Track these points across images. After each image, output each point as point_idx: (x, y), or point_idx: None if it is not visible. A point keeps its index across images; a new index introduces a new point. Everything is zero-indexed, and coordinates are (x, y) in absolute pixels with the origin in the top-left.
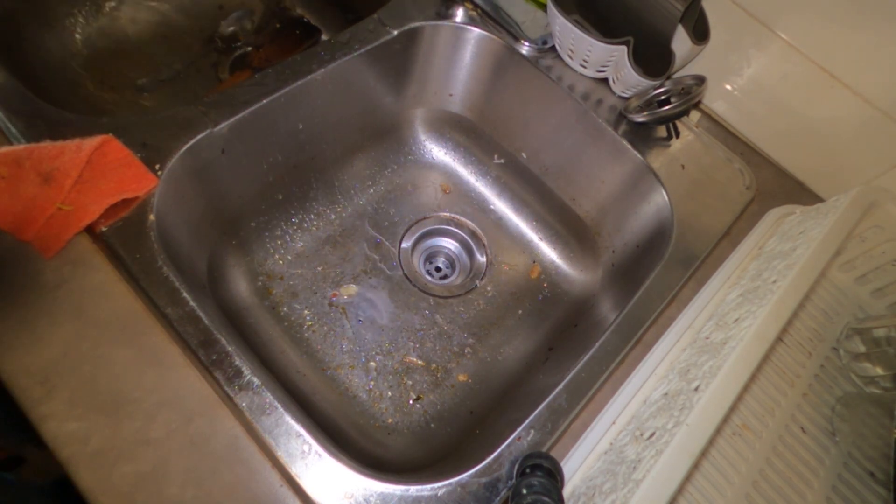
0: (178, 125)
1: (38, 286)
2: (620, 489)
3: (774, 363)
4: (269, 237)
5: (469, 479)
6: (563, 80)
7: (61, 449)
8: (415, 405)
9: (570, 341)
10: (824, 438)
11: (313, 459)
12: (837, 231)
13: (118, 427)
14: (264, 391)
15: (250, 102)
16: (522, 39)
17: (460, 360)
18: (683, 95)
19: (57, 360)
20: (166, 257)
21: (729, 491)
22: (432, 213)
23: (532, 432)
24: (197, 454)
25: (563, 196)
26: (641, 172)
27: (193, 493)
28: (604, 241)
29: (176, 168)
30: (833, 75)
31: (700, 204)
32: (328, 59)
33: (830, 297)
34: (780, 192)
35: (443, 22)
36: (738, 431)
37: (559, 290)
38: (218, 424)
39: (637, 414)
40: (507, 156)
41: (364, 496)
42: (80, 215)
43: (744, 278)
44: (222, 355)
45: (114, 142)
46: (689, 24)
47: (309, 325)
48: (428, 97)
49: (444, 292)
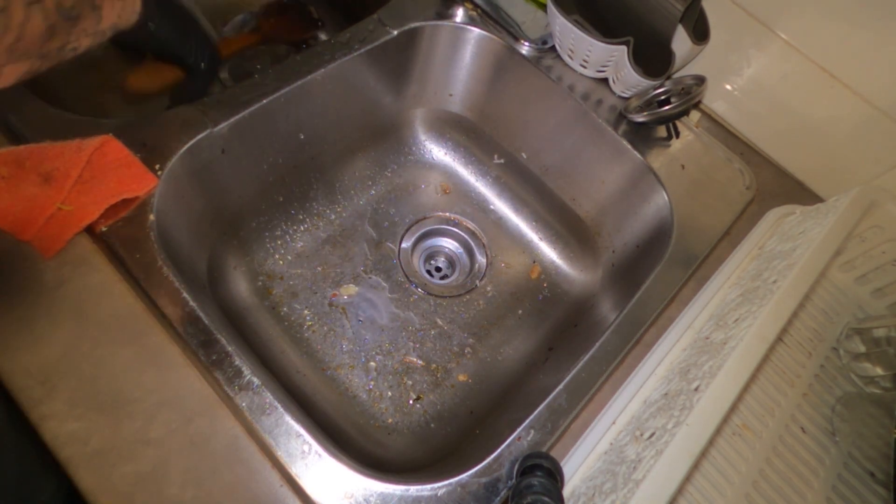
0: (178, 125)
1: (38, 286)
2: (620, 489)
3: (774, 363)
4: (269, 237)
5: (469, 479)
6: (563, 80)
7: (61, 449)
8: (415, 405)
9: (570, 341)
10: (824, 438)
11: (313, 459)
12: (837, 231)
13: (118, 427)
14: (264, 391)
15: (250, 102)
16: (522, 39)
17: (460, 360)
18: (683, 95)
19: (57, 360)
20: (166, 257)
21: (729, 491)
22: (432, 213)
23: (532, 432)
24: (197, 454)
25: (563, 196)
26: (641, 172)
27: (193, 493)
28: (604, 241)
29: (176, 168)
30: (833, 75)
31: (700, 204)
32: (328, 59)
33: (830, 297)
34: (780, 192)
35: (443, 22)
36: (738, 431)
37: (559, 290)
38: (218, 424)
39: (637, 414)
40: (507, 156)
41: (364, 496)
42: (80, 215)
43: (744, 278)
44: (222, 355)
45: (114, 142)
46: (689, 24)
47: (309, 325)
48: (428, 97)
49: (444, 292)
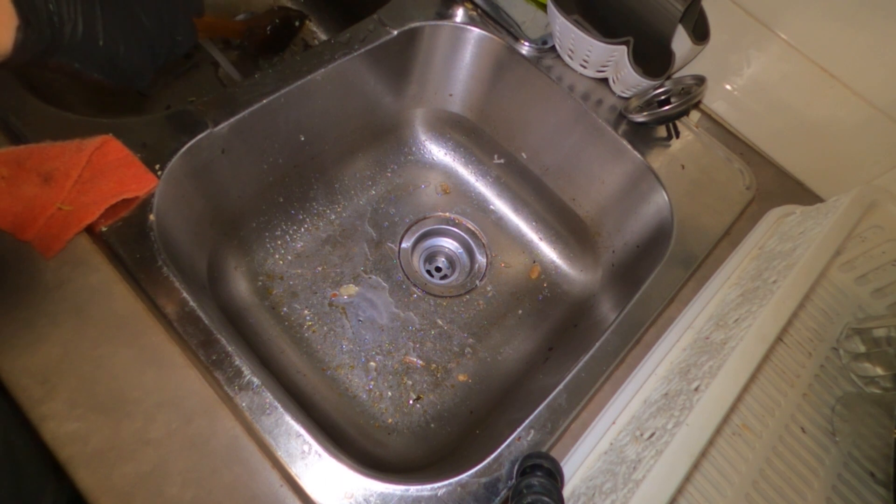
0: (178, 125)
1: (38, 286)
2: (620, 489)
3: (774, 363)
4: (269, 237)
5: (469, 479)
6: (563, 80)
7: (61, 449)
8: (415, 405)
9: (570, 341)
10: (824, 438)
11: (313, 459)
12: (837, 231)
13: (118, 427)
14: (264, 391)
15: (250, 102)
16: (522, 39)
17: (460, 360)
18: (683, 95)
19: (57, 360)
20: (166, 257)
21: (729, 491)
22: (432, 213)
23: (532, 432)
24: (197, 454)
25: (563, 196)
26: (641, 172)
27: (193, 493)
28: (604, 241)
29: (176, 168)
30: (833, 75)
31: (700, 204)
32: (328, 59)
33: (830, 297)
34: (780, 192)
35: (443, 22)
36: (738, 431)
37: (559, 290)
38: (218, 424)
39: (637, 414)
40: (507, 156)
41: (364, 496)
42: (80, 215)
43: (744, 278)
44: (222, 355)
45: (114, 142)
46: (689, 24)
47: (309, 325)
48: (428, 97)
49: (444, 292)
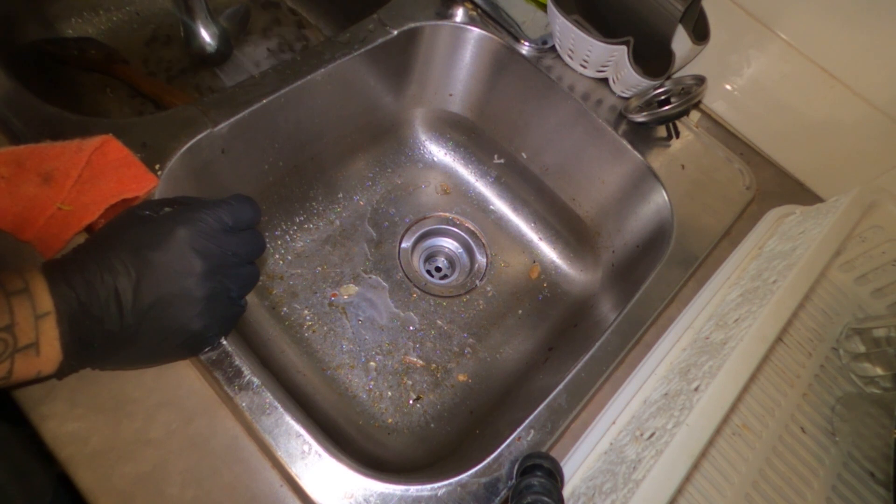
0: (178, 125)
1: None
2: (620, 489)
3: (774, 363)
4: (269, 237)
5: (469, 479)
6: (563, 80)
7: (61, 449)
8: (415, 405)
9: (570, 341)
10: (824, 438)
11: (313, 459)
12: (837, 231)
13: (118, 427)
14: (264, 391)
15: (250, 102)
16: (522, 39)
17: (460, 360)
18: (683, 95)
19: None
20: None
21: (729, 491)
22: (432, 213)
23: (532, 432)
24: (197, 454)
25: (563, 196)
26: (641, 172)
27: (193, 493)
28: (604, 241)
29: (176, 168)
30: (833, 75)
31: (700, 204)
32: (328, 59)
33: (830, 297)
34: (780, 192)
35: (443, 22)
36: (738, 431)
37: (559, 290)
38: (218, 424)
39: (637, 414)
40: (507, 156)
41: (364, 496)
42: (80, 215)
43: (744, 278)
44: (222, 355)
45: (114, 142)
46: (689, 24)
47: (309, 325)
48: (428, 97)
49: (444, 292)
